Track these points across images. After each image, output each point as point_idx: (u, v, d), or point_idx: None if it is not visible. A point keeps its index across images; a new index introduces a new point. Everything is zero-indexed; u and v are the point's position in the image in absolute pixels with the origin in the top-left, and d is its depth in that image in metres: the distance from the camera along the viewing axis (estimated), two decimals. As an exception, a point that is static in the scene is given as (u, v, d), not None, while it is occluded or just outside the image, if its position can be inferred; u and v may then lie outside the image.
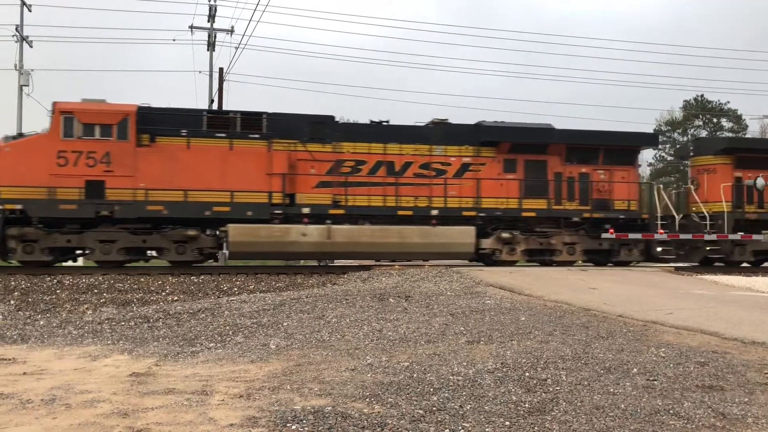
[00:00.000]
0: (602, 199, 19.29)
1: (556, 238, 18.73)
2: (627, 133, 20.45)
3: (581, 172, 19.30)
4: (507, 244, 18.42)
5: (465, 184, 18.42)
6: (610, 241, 18.76)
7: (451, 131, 18.75)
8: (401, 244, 17.56)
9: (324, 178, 17.73)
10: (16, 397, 5.64)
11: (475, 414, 5.01)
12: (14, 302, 13.61)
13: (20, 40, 31.54)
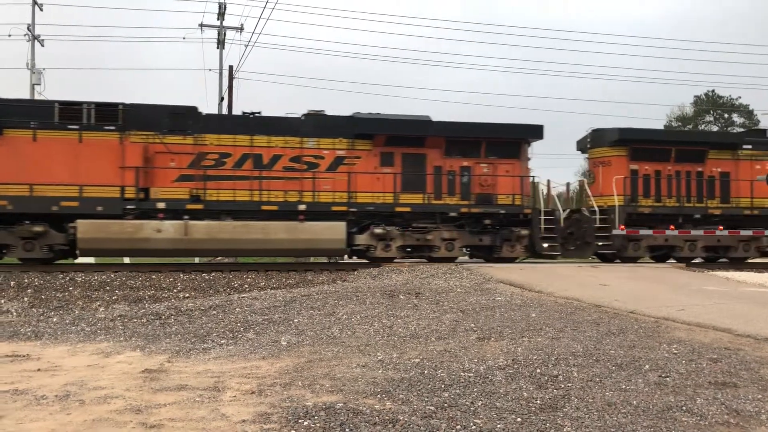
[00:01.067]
0: (485, 193, 18.60)
1: (434, 234, 18.04)
2: (509, 125, 19.56)
3: (462, 165, 18.59)
4: (381, 240, 17.73)
5: (338, 178, 17.74)
6: (491, 236, 18.26)
7: (325, 123, 18.05)
8: (265, 241, 16.86)
9: (185, 172, 17.06)
10: (31, 393, 5.69)
11: (486, 410, 5.01)
12: (28, 299, 13.73)
13: (32, 39, 31.73)
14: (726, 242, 19.73)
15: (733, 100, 56.26)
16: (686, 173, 20.03)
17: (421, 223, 18.12)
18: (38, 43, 32.21)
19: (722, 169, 20.33)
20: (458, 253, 18.50)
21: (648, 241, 19.33)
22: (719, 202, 20.09)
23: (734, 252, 19.91)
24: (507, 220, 18.54)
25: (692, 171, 20.06)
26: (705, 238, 19.54)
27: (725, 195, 20.22)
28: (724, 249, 19.96)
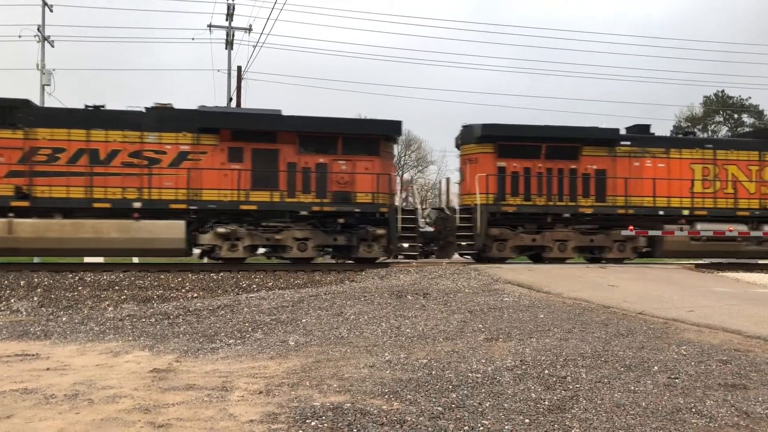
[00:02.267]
0: (343, 191, 17.92)
1: (285, 234, 17.50)
2: (366, 121, 18.85)
3: (319, 162, 17.93)
4: (227, 240, 17.23)
5: (181, 174, 17.14)
6: (346, 236, 17.76)
7: (168, 117, 17.37)
8: (97, 240, 16.32)
9: (14, 167, 16.50)
10: (40, 392, 5.72)
11: (494, 411, 5.00)
12: (37, 299, 13.81)
13: (42, 40, 31.90)
14: (600, 242, 19.02)
15: (743, 100, 55.98)
16: (558, 171, 19.21)
17: (273, 222, 17.54)
18: (48, 44, 32.39)
19: (598, 167, 19.48)
20: (312, 254, 17.83)
21: (515, 241, 18.63)
22: (594, 200, 19.26)
23: (608, 252, 19.18)
24: (365, 219, 17.93)
25: (565, 168, 19.25)
26: (577, 238, 18.84)
27: (601, 193, 19.36)
28: (599, 249, 19.28)
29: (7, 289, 14.35)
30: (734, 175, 20.03)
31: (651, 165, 19.59)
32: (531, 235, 18.76)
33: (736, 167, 20.09)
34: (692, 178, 19.69)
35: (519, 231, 18.78)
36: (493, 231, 18.52)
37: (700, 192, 19.78)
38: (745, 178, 20.09)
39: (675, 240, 19.07)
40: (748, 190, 20.09)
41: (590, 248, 19.26)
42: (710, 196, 19.83)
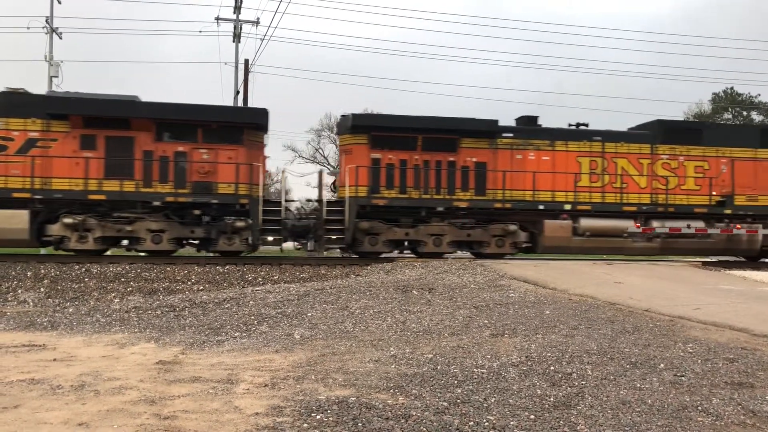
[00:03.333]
0: (204, 181, 17.04)
1: (138, 225, 16.63)
2: (227, 108, 17.67)
3: (177, 150, 17.05)
4: (76, 231, 16.38)
5: (28, 162, 16.27)
6: (205, 228, 16.96)
7: (17, 102, 16.51)
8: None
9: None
10: (47, 383, 5.75)
11: (499, 407, 4.99)
12: (44, 290, 13.89)
13: (50, 32, 31.96)
14: (478, 237, 18.16)
15: (753, 98, 55.61)
16: (436, 163, 18.39)
17: (127, 212, 16.77)
18: (56, 35, 32.44)
19: (478, 159, 18.60)
20: (168, 246, 17.04)
21: (387, 235, 17.80)
22: (474, 194, 18.41)
23: (487, 247, 18.29)
24: (228, 211, 17.17)
25: (443, 161, 18.42)
26: (453, 232, 18.01)
27: (481, 187, 18.50)
28: (478, 244, 18.49)
29: (14, 280, 14.42)
30: (624, 168, 19.24)
31: (534, 158, 18.85)
32: (405, 229, 17.98)
33: (627, 160, 19.30)
34: (579, 172, 18.87)
35: (393, 225, 17.93)
36: (363, 224, 17.62)
37: (587, 186, 18.92)
38: (635, 171, 19.28)
39: (555, 236, 18.41)
40: (639, 184, 19.26)
41: (468, 243, 18.57)
42: (598, 190, 18.99)
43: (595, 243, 18.77)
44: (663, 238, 18.90)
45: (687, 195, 19.38)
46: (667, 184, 19.26)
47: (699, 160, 19.60)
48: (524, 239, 18.53)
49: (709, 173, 19.53)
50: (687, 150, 19.58)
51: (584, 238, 18.55)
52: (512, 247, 18.55)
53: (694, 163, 19.59)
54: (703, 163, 19.61)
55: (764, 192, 19.69)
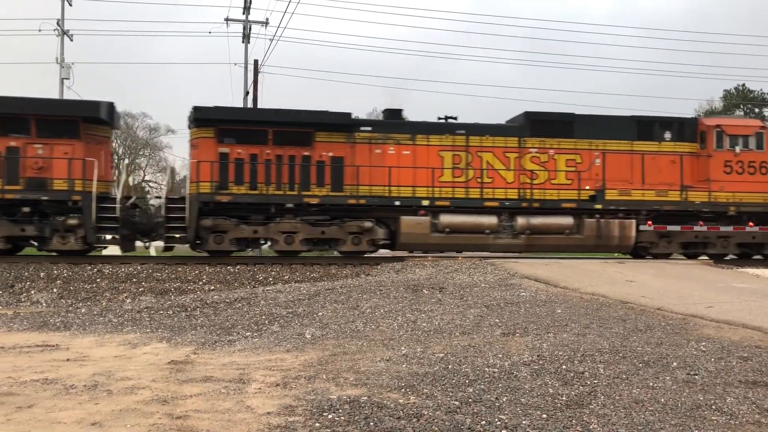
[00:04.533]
0: (38, 177, 16.33)
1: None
2: (60, 101, 16.84)
3: (9, 145, 16.31)
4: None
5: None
6: (36, 226, 16.20)
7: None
8: None
9: None
10: (60, 383, 5.78)
11: (511, 406, 4.98)
12: (57, 290, 13.98)
13: (61, 34, 32.16)
14: (333, 234, 17.45)
15: (765, 94, 55.18)
16: (289, 158, 17.63)
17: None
18: (67, 37, 32.64)
19: (335, 154, 17.86)
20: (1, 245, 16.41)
21: (235, 233, 17.13)
22: (330, 189, 17.66)
23: (343, 245, 17.69)
24: (61, 208, 16.38)
25: (297, 155, 17.66)
26: (306, 229, 17.24)
27: (338, 182, 17.75)
28: (334, 242, 17.75)
29: (27, 280, 14.53)
30: (489, 163, 18.42)
31: (395, 152, 18.07)
32: (254, 227, 17.28)
33: (492, 155, 18.45)
34: (440, 167, 18.11)
35: (242, 222, 17.26)
36: (206, 222, 16.90)
37: (450, 181, 18.14)
38: (502, 166, 18.46)
39: (412, 232, 17.74)
40: (506, 179, 18.45)
41: (324, 241, 17.80)
42: (461, 185, 18.21)
43: (455, 240, 18.07)
44: (528, 234, 18.14)
45: (558, 190, 18.50)
46: (537, 179, 18.44)
47: (571, 153, 18.74)
48: (383, 236, 17.87)
49: (581, 167, 18.66)
50: (558, 143, 18.72)
51: (444, 235, 17.84)
52: (370, 244, 17.86)
53: (565, 157, 18.71)
54: (575, 156, 18.73)
55: (639, 186, 18.85)
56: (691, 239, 19.06)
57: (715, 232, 19.06)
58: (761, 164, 19.31)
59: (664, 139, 19.15)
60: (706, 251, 19.24)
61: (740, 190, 19.06)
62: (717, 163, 19.05)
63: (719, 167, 19.04)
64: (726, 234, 19.15)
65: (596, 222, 18.45)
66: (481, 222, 18.04)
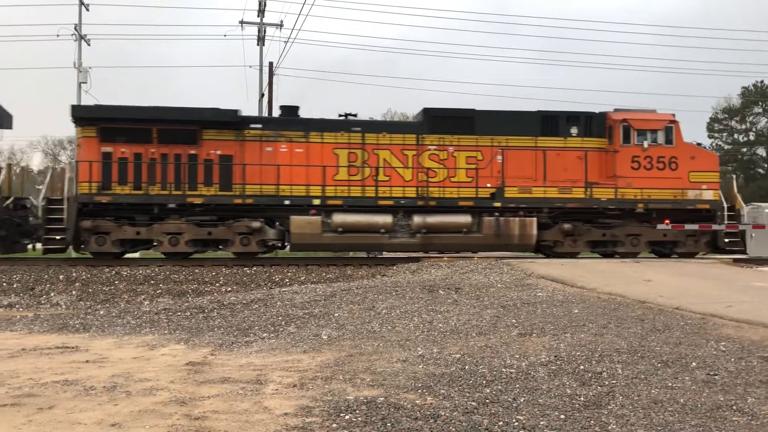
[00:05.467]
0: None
1: None
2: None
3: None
4: None
5: None
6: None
7: None
8: None
9: None
10: (80, 384, 5.84)
11: (529, 407, 4.96)
12: (76, 293, 14.11)
13: (79, 39, 32.51)
14: (220, 235, 17.17)
15: (784, 91, 54.48)
16: (175, 156, 17.26)
17: None
18: (84, 42, 32.97)
19: (223, 152, 17.52)
20: None
21: (117, 234, 16.87)
22: (218, 189, 17.32)
23: (231, 246, 17.43)
24: None
25: (183, 154, 17.31)
26: (191, 230, 17.02)
27: (226, 181, 17.41)
28: (223, 242, 17.50)
29: (47, 282, 14.67)
30: (387, 160, 17.97)
31: (287, 150, 17.71)
32: (137, 228, 16.97)
33: (390, 152, 18.01)
34: (334, 165, 17.73)
35: (125, 223, 16.98)
36: (86, 223, 16.61)
37: (345, 179, 17.75)
38: (399, 164, 18.01)
39: (303, 232, 17.40)
40: (404, 177, 17.99)
41: (213, 241, 17.51)
42: (357, 183, 17.80)
43: (348, 239, 17.78)
44: (424, 233, 17.74)
45: (458, 188, 18.05)
46: (435, 177, 18.00)
47: (472, 150, 18.26)
48: (274, 237, 17.57)
49: (482, 164, 18.20)
50: (458, 140, 18.26)
51: (336, 234, 17.47)
52: (261, 245, 17.55)
53: (466, 154, 18.25)
54: (476, 153, 18.26)
55: (541, 183, 18.32)
56: (599, 237, 18.55)
57: (623, 230, 18.52)
58: (671, 159, 18.63)
59: (571, 135, 18.61)
60: (616, 250, 18.68)
61: (649, 186, 18.49)
62: (624, 158, 18.48)
63: (626, 163, 18.47)
64: (636, 232, 18.62)
65: (495, 220, 18.00)
66: (375, 221, 17.62)
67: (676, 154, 18.64)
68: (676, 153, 18.65)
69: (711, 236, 18.79)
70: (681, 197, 18.63)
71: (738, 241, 18.83)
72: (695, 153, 19.04)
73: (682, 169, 18.61)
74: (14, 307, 13.20)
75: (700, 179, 18.73)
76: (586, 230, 18.46)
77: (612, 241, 18.66)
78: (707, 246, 19.01)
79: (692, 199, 18.68)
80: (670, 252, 18.96)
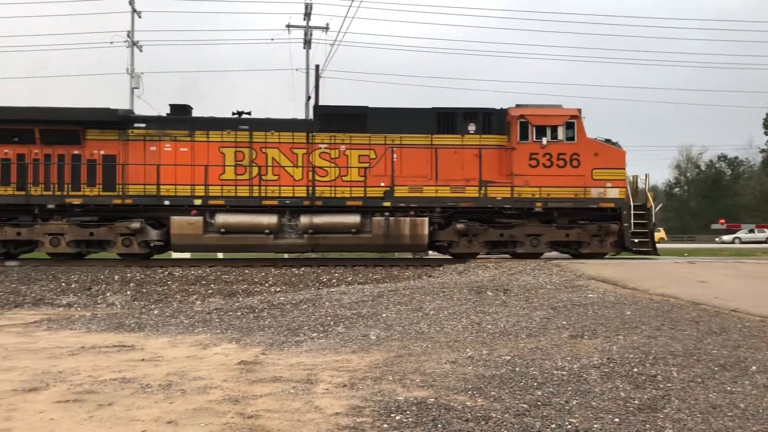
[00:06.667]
0: None
1: None
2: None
3: None
4: None
5: None
6: None
7: None
8: None
9: None
10: (137, 382, 6.00)
11: (581, 409, 4.89)
12: (130, 293, 14.50)
13: (131, 46, 33.38)
14: (102, 236, 17.24)
15: None
16: (59, 157, 17.30)
17: None
18: (137, 48, 33.84)
19: (107, 152, 17.45)
20: None
21: None
22: (101, 189, 17.30)
23: (113, 247, 17.45)
24: None
25: (67, 154, 17.33)
26: (72, 231, 17.09)
27: (109, 181, 17.35)
28: (107, 243, 17.47)
29: (103, 283, 15.12)
30: (275, 159, 17.78)
31: (171, 149, 17.54)
32: (18, 229, 17.16)
33: (278, 151, 17.82)
34: (222, 164, 17.60)
35: (9, 224, 17.18)
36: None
37: (232, 179, 17.59)
38: (289, 162, 17.82)
39: (183, 233, 17.21)
40: (293, 176, 17.79)
41: (96, 242, 17.58)
42: (245, 183, 17.63)
43: (232, 240, 17.44)
44: (311, 234, 17.50)
45: (351, 187, 17.77)
46: (326, 176, 17.80)
47: (364, 148, 17.94)
48: (156, 237, 17.41)
49: (374, 162, 17.88)
50: (349, 138, 17.96)
51: (219, 235, 17.28)
52: (143, 246, 17.41)
53: (358, 152, 17.95)
54: (369, 152, 17.94)
55: (433, 182, 17.87)
56: (496, 238, 18.09)
57: (522, 230, 17.99)
58: (572, 156, 17.95)
59: (468, 132, 18.15)
60: (515, 250, 18.19)
61: (548, 184, 17.83)
62: (521, 156, 17.88)
63: (524, 160, 17.87)
64: (536, 232, 18.06)
65: (385, 220, 17.65)
66: (260, 222, 17.40)
67: (578, 151, 17.98)
68: (578, 150, 17.99)
69: (618, 236, 18.12)
70: (583, 196, 17.96)
71: (648, 242, 18.14)
72: (599, 150, 18.20)
73: (584, 167, 17.98)
74: (73, 306, 13.65)
75: (604, 177, 18.02)
76: (483, 230, 18.04)
77: (511, 242, 18.26)
78: (614, 246, 18.42)
79: (595, 197, 18.01)
80: (576, 252, 18.44)
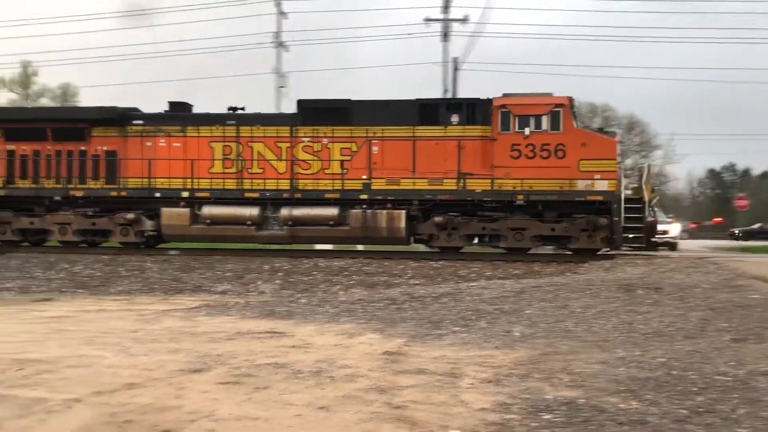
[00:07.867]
0: None
1: None
2: None
3: None
4: None
5: None
6: None
7: None
8: None
9: None
10: (289, 368, 6.27)
11: (750, 419, 4.51)
12: (279, 282, 15.24)
13: (278, 46, 35.05)
14: (102, 226, 18.54)
15: None
16: (68, 153, 18.63)
17: None
18: (283, 49, 35.47)
19: (108, 148, 18.56)
20: None
21: (16, 224, 18.73)
22: (104, 182, 18.47)
23: (113, 236, 18.74)
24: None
25: (75, 150, 18.66)
26: (78, 221, 18.51)
27: (111, 175, 18.47)
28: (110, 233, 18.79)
29: (254, 272, 16.01)
30: (261, 153, 17.94)
31: (165, 144, 18.33)
32: (31, 219, 18.72)
33: (263, 145, 17.97)
34: (211, 158, 18.09)
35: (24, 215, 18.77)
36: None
37: (220, 172, 18.06)
38: (273, 156, 17.89)
39: (172, 224, 18.02)
40: (278, 169, 17.89)
41: (99, 231, 18.80)
42: (232, 176, 18.04)
43: (216, 231, 18.02)
44: (291, 225, 17.61)
45: (332, 179, 17.64)
46: (309, 169, 17.83)
47: (346, 141, 17.72)
48: (150, 228, 18.36)
49: (355, 155, 17.59)
50: (332, 131, 17.74)
51: (204, 226, 17.94)
52: (139, 236, 18.49)
53: (340, 145, 17.75)
54: (351, 145, 17.67)
55: (410, 175, 17.31)
56: (478, 231, 17.34)
57: (505, 224, 16.84)
58: (557, 147, 16.54)
59: (451, 123, 17.36)
60: (498, 244, 17.15)
61: (531, 176, 16.74)
62: (502, 147, 16.90)
63: (505, 151, 16.87)
64: (520, 226, 16.82)
65: (362, 213, 17.44)
66: (242, 213, 17.87)
67: (564, 141, 16.67)
68: (563, 140, 16.68)
69: (608, 231, 16.50)
70: (569, 188, 16.71)
71: (642, 237, 16.42)
72: (587, 139, 16.87)
73: (570, 158, 16.65)
74: (227, 294, 14.55)
75: (592, 168, 16.59)
76: (464, 223, 17.38)
77: (494, 235, 17.29)
78: (605, 242, 16.87)
79: (582, 190, 16.63)
80: (562, 246, 17.43)
